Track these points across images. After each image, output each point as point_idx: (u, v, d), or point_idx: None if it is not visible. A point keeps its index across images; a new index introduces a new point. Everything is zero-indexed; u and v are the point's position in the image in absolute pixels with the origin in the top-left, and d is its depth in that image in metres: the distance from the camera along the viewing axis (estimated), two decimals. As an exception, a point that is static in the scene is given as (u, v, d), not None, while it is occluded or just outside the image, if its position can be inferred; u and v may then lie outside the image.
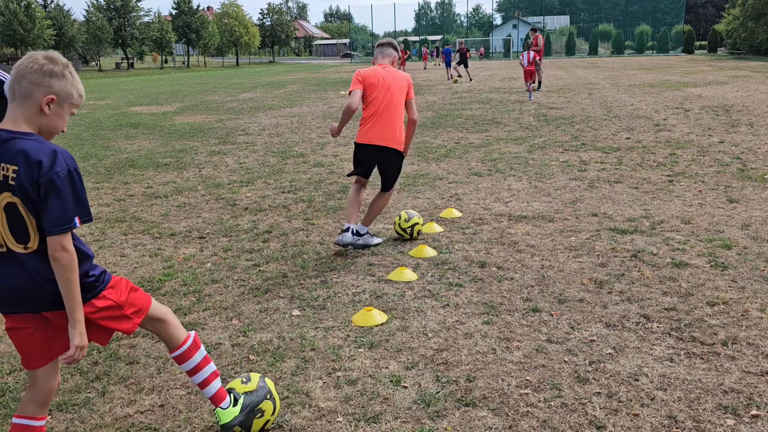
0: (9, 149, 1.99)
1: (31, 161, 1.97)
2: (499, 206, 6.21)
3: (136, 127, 13.90)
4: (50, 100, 2.04)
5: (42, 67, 2.03)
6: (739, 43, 50.14)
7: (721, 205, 5.98)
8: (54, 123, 2.09)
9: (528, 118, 13.06)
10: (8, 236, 2.04)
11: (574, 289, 4.07)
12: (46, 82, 2.03)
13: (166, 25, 55.93)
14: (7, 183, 1.99)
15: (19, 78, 2.03)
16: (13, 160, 1.98)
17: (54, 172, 1.97)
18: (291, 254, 4.94)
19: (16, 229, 2.03)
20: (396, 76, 5.00)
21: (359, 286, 4.25)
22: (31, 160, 1.97)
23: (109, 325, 2.24)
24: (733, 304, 3.76)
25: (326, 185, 7.40)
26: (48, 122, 2.07)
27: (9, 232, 2.04)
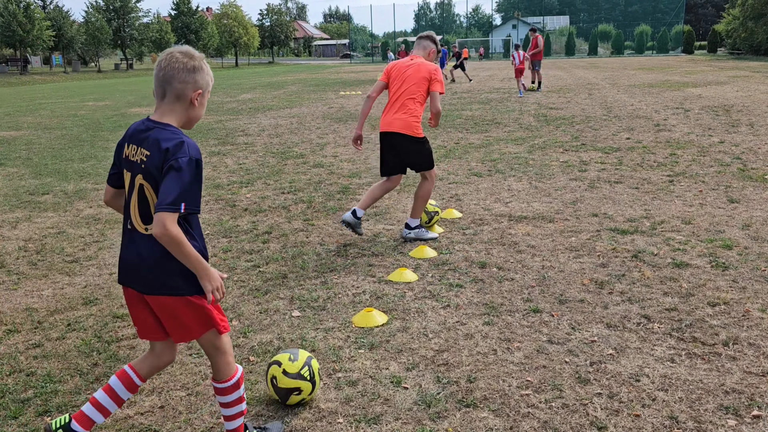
0: (147, 137, 2.22)
1: (160, 148, 2.17)
2: (500, 207, 6.21)
3: (136, 127, 13.88)
4: (198, 94, 2.27)
5: (185, 66, 2.23)
6: (739, 43, 50.14)
7: (722, 206, 5.98)
8: (199, 112, 2.32)
9: (528, 119, 13.06)
10: (136, 216, 2.26)
11: (575, 289, 4.06)
12: (192, 78, 2.24)
13: (165, 25, 55.96)
14: (142, 166, 2.22)
15: (169, 79, 2.23)
16: (148, 146, 2.21)
17: (176, 158, 2.14)
18: (291, 255, 4.94)
19: (143, 210, 2.24)
20: (420, 68, 5.09)
21: (359, 286, 4.24)
22: (160, 147, 2.17)
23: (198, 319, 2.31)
24: (734, 304, 3.75)
25: (326, 186, 7.40)
26: (195, 113, 2.30)
27: (138, 212, 2.25)
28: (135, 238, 2.27)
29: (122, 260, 2.33)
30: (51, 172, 8.77)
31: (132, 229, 2.28)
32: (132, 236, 2.28)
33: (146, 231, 2.24)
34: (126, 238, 2.32)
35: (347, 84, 28.40)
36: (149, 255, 2.22)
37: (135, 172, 2.24)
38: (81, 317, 3.90)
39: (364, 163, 8.79)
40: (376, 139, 10.95)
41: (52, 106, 20.69)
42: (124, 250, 2.32)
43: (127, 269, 2.30)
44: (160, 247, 2.17)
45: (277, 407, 2.87)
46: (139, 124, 2.30)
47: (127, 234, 2.31)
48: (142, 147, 2.22)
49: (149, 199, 2.21)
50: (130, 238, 2.29)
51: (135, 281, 2.29)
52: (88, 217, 6.30)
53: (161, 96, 2.25)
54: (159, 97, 2.26)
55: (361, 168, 8.42)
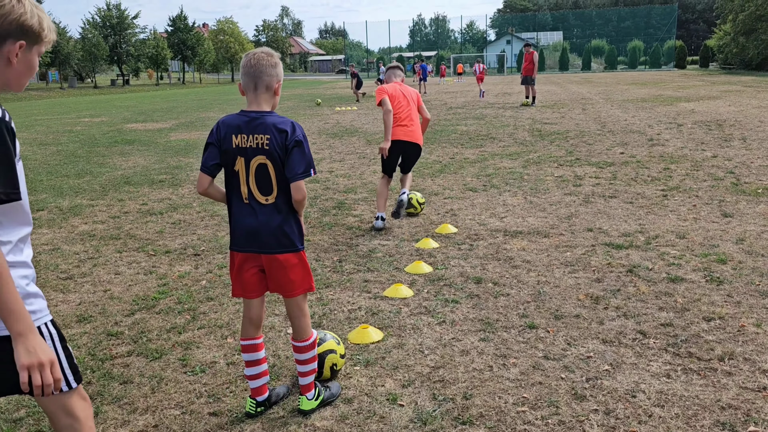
0: (261, 124, 2.67)
1: (280, 131, 2.65)
2: (495, 221, 6.22)
3: (131, 143, 13.91)
4: (279, 85, 2.76)
5: (270, 62, 2.70)
6: (731, 58, 50.68)
7: (716, 220, 6.01)
8: (278, 100, 2.78)
9: (522, 134, 13.13)
10: (255, 190, 2.70)
11: (571, 305, 4.06)
12: (276, 72, 2.72)
13: (162, 42, 56.17)
14: (263, 148, 2.66)
15: (259, 74, 2.68)
16: (265, 131, 2.66)
17: (296, 136, 2.65)
18: (286, 271, 4.92)
19: (263, 184, 2.69)
20: (408, 90, 6.25)
21: (355, 303, 4.23)
22: (280, 130, 2.65)
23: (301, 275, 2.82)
24: (729, 319, 3.76)
25: (321, 201, 7.40)
26: (276, 101, 2.77)
27: (256, 187, 2.70)
28: (255, 208, 2.72)
29: (241, 228, 2.76)
30: (46, 188, 8.76)
31: (249, 202, 2.72)
32: (251, 208, 2.72)
33: (266, 201, 2.71)
34: (244, 210, 2.75)
35: (343, 99, 28.52)
36: (271, 220, 2.70)
37: (251, 156, 2.67)
38: (75, 335, 3.87)
39: (360, 178, 8.81)
40: (371, 153, 11.00)
41: (48, 122, 20.70)
42: (243, 219, 2.75)
43: (248, 234, 2.74)
44: (279, 214, 2.71)
45: (272, 426, 2.85)
46: (240, 117, 2.71)
47: (245, 207, 2.74)
48: (256, 134, 2.65)
49: (271, 174, 2.67)
50: (250, 209, 2.73)
51: (255, 244, 2.74)
52: (83, 234, 6.28)
53: (253, 88, 2.69)
54: (251, 90, 2.70)
55: (357, 183, 8.44)
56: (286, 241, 2.75)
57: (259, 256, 2.77)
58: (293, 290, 2.81)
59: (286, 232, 2.74)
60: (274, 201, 2.72)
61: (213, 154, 2.72)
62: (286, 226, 2.74)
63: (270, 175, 2.69)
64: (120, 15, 54.07)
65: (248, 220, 2.74)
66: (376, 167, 9.64)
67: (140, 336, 3.84)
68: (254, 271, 2.82)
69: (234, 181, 2.75)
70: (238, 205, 2.77)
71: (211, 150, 2.73)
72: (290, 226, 2.76)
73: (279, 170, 2.68)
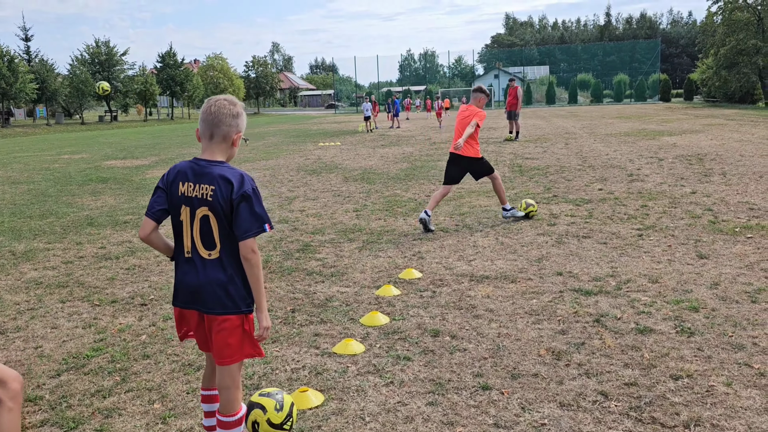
0: (207, 174, 2.53)
1: (225, 183, 2.50)
2: (462, 265, 5.96)
3: (106, 182, 13.64)
4: (239, 137, 2.62)
5: (231, 112, 2.58)
6: (714, 91, 51.35)
7: (691, 261, 5.77)
8: (235, 151, 2.65)
9: (502, 169, 12.97)
10: (199, 243, 2.55)
11: (530, 361, 3.78)
12: (236, 123, 2.59)
13: (150, 78, 56.38)
14: (206, 199, 2.52)
15: (218, 123, 2.56)
16: (210, 182, 2.52)
17: (243, 191, 2.49)
18: (234, 323, 4.62)
19: (206, 238, 2.54)
20: (464, 112, 7.71)
21: (300, 360, 3.93)
22: (226, 181, 2.50)
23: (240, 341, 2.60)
24: (698, 377, 3.48)
25: (286, 243, 7.13)
26: (233, 152, 2.64)
27: (200, 240, 2.54)
28: (197, 263, 2.55)
29: (183, 285, 2.61)
30: (5, 230, 8.45)
31: (192, 256, 2.57)
32: (194, 262, 2.56)
33: (209, 256, 2.55)
34: (186, 266, 2.60)
35: (329, 134, 28.48)
36: (213, 277, 2.53)
37: (196, 206, 2.53)
38: (-11, 401, 3.54)
39: (331, 218, 8.55)
40: (346, 191, 10.75)
41: (27, 159, 20.44)
42: (184, 276, 2.59)
43: (189, 292, 2.58)
44: (223, 272, 2.54)
45: None
46: (189, 164, 2.59)
47: (187, 262, 2.59)
48: (203, 183, 2.52)
49: (213, 228, 2.52)
50: (192, 264, 2.57)
51: (197, 302, 2.58)
52: (29, 282, 5.96)
53: (209, 137, 2.57)
54: (207, 138, 2.58)
55: (327, 223, 8.18)
56: (229, 301, 2.56)
57: (200, 314, 2.62)
58: (229, 357, 2.60)
59: (229, 292, 2.56)
60: (218, 257, 2.55)
61: (160, 199, 2.63)
62: (230, 285, 2.56)
63: (212, 228, 2.54)
64: (109, 52, 54.35)
65: (190, 275, 2.60)
66: (350, 206, 9.41)
67: (60, 401, 3.51)
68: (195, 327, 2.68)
69: (178, 232, 2.63)
70: (180, 258, 2.64)
71: (159, 194, 2.64)
72: (235, 286, 2.56)
73: (223, 224, 2.53)
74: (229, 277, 2.55)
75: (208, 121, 2.57)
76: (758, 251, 6.01)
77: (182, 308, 2.65)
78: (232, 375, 2.63)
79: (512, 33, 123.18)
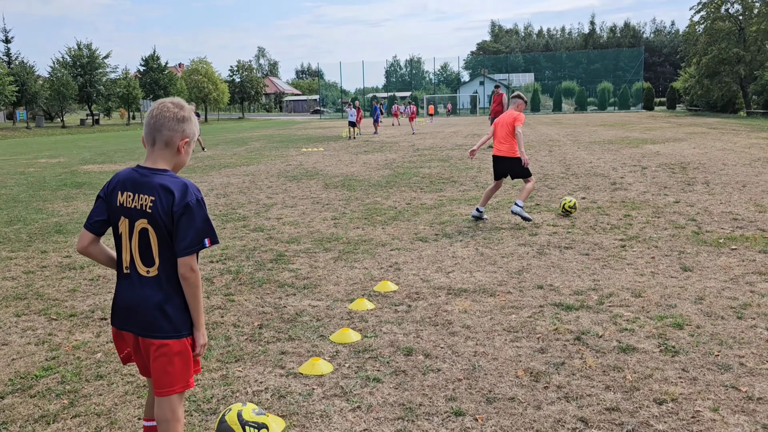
0: (147, 183, 2.31)
1: (167, 193, 2.28)
2: (440, 277, 5.75)
3: (80, 187, 13.29)
4: (185, 143, 2.40)
5: (176, 115, 2.36)
6: (696, 99, 51.84)
7: (675, 274, 5.61)
8: (185, 159, 2.43)
9: (485, 177, 12.81)
10: (137, 259, 2.34)
11: (506, 383, 3.57)
12: (181, 128, 2.37)
13: (133, 81, 55.76)
14: (145, 211, 2.29)
15: (159, 127, 2.35)
16: (150, 192, 2.30)
17: (186, 202, 2.27)
18: (197, 340, 4.36)
19: (145, 253, 2.32)
20: (505, 116, 8.26)
21: (263, 382, 3.69)
22: (167, 192, 2.28)
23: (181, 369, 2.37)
24: (683, 401, 3.29)
25: (260, 253, 6.87)
26: (181, 159, 2.42)
27: (138, 255, 2.33)
28: (135, 280, 2.34)
29: (118, 303, 2.40)
30: (-33, 239, 8.10)
31: (130, 272, 2.35)
32: (131, 280, 2.35)
33: (147, 273, 2.33)
34: (123, 282, 2.39)
35: (312, 140, 28.24)
36: (150, 297, 2.31)
37: (135, 218, 2.32)
38: None
39: (308, 226, 8.31)
40: (326, 198, 10.49)
41: (2, 163, 19.96)
42: (121, 293, 2.38)
43: (124, 311, 2.37)
44: (161, 291, 2.31)
45: None
46: (130, 172, 2.37)
47: (125, 278, 2.37)
48: (142, 194, 2.30)
49: (152, 242, 2.30)
50: (129, 281, 2.36)
51: (133, 324, 2.36)
52: (-15, 294, 5.65)
53: (152, 143, 2.37)
54: (149, 144, 2.38)
55: (303, 232, 7.94)
56: (166, 324, 2.34)
57: (136, 337, 2.41)
58: (169, 386, 2.38)
59: (167, 314, 2.34)
60: (156, 274, 2.34)
61: (100, 210, 2.43)
62: (168, 306, 2.34)
63: (151, 243, 2.33)
64: (91, 55, 53.66)
65: (126, 292, 2.40)
66: (328, 214, 9.18)
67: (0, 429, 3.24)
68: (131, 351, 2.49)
69: (117, 245, 2.44)
70: (119, 274, 2.44)
71: (98, 204, 2.44)
72: (174, 307, 2.35)
73: (163, 239, 2.32)
74: (168, 297, 2.34)
75: (150, 125, 2.39)
76: (743, 263, 5.87)
77: (118, 329, 2.44)
78: (172, 406, 2.41)
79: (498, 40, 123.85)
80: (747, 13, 46.00)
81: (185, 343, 2.38)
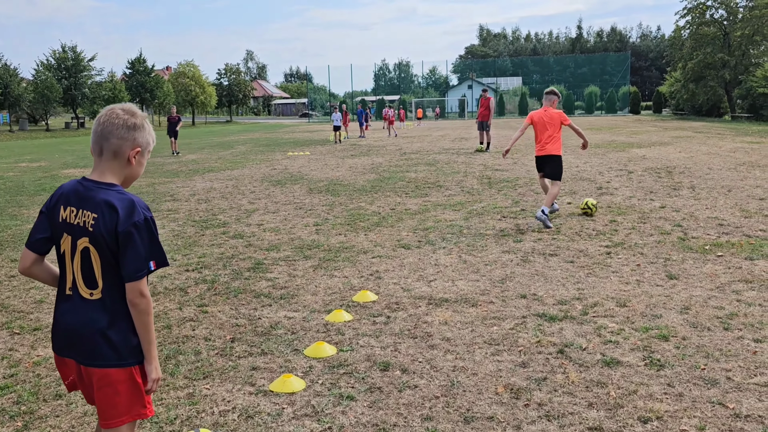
0: (91, 198, 2.13)
1: (111, 210, 2.09)
2: (421, 286, 5.59)
3: (58, 192, 13.00)
4: (137, 152, 2.20)
5: (125, 123, 2.17)
6: (682, 103, 52.19)
7: (660, 282, 5.50)
8: (137, 171, 2.24)
9: (471, 181, 12.70)
10: (80, 280, 2.16)
11: (485, 401, 3.41)
12: (131, 136, 2.18)
13: (119, 84, 55.25)
14: (86, 229, 2.11)
15: (107, 135, 2.16)
16: (93, 208, 2.11)
17: (132, 222, 2.08)
18: (164, 355, 4.18)
19: (87, 275, 2.14)
20: (551, 114, 8.28)
21: (231, 401, 3.51)
22: (111, 209, 2.09)
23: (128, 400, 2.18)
24: (669, 419, 3.16)
25: (237, 261, 6.69)
26: (132, 171, 2.23)
27: (81, 277, 2.15)
28: (76, 303, 2.17)
29: (59, 326, 2.22)
30: (-64, 247, 7.84)
31: (72, 294, 2.18)
32: (73, 302, 2.18)
33: (90, 296, 2.16)
34: (65, 305, 2.20)
35: (300, 144, 28.03)
36: (93, 322, 2.14)
37: (77, 236, 2.15)
38: None
39: (289, 233, 8.13)
40: (309, 203, 10.30)
41: (-20, 168, 19.59)
42: (62, 316, 2.21)
43: (65, 336, 2.19)
44: (105, 316, 2.13)
45: None
46: (74, 184, 2.20)
47: (66, 300, 2.19)
48: (85, 209, 2.13)
49: (94, 263, 2.14)
50: (71, 304, 2.18)
51: (74, 350, 2.18)
52: (-53, 305, 5.43)
53: (98, 152, 2.19)
54: (96, 154, 2.20)
55: (284, 239, 7.76)
56: (110, 351, 2.16)
57: (79, 365, 2.22)
58: (115, 418, 2.20)
59: (111, 340, 2.16)
60: (100, 297, 2.16)
61: (42, 226, 2.24)
62: (112, 332, 2.16)
63: (93, 264, 2.15)
64: (76, 57, 53.13)
65: (68, 315, 2.20)
66: (311, 220, 9.00)
67: (-54, 455, 3.05)
68: (74, 379, 2.29)
69: (60, 264, 2.25)
70: (61, 295, 2.25)
71: (41, 220, 2.25)
72: (120, 333, 2.16)
73: (106, 259, 2.14)
74: (112, 322, 2.15)
75: (97, 132, 2.20)
76: (729, 271, 5.76)
77: (59, 355, 2.26)
78: None
79: (486, 44, 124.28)
80: (731, 18, 46.38)
81: (131, 372, 2.19)
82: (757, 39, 44.54)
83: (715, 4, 46.73)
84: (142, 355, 2.21)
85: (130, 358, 2.18)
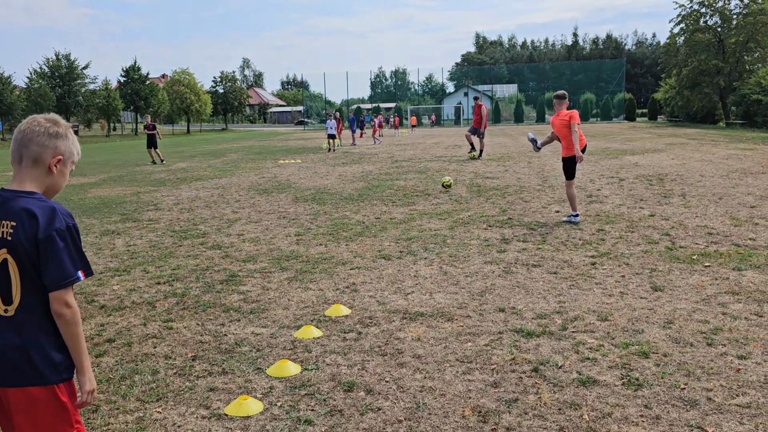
0: (10, 207, 2.03)
1: (30, 218, 2.00)
2: (397, 299, 5.40)
3: (41, 201, 12.80)
4: (58, 161, 2.12)
5: (47, 130, 2.10)
6: (677, 110, 52.19)
7: (644, 295, 5.31)
8: (59, 181, 2.15)
9: (460, 189, 12.53)
10: None
11: (450, 425, 3.22)
12: (53, 143, 2.10)
13: (113, 92, 55.11)
14: (5, 239, 2.01)
15: (26, 142, 2.08)
16: (12, 217, 2.02)
17: (53, 228, 1.99)
18: (120, 375, 3.98)
19: (3, 289, 2.02)
20: (562, 116, 8.91)
21: (182, 425, 3.31)
22: (30, 217, 2.00)
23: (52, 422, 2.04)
24: (643, 446, 2.97)
25: (211, 273, 6.49)
26: (54, 181, 2.13)
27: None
28: None
29: None
30: None
31: None
32: None
33: (5, 313, 2.04)
34: None
35: (293, 151, 27.88)
36: (9, 340, 2.01)
37: None
38: None
39: (268, 243, 7.94)
40: (293, 212, 10.09)
41: (-33, 177, 19.39)
42: None
43: None
44: (22, 332, 2.02)
45: None
46: None
47: None
48: (3, 219, 2.04)
49: (12, 276, 2.02)
50: None
51: None
52: None
53: (18, 160, 2.11)
54: (16, 162, 2.12)
55: (263, 250, 7.56)
56: (29, 370, 2.01)
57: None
58: None
59: (30, 358, 2.01)
60: (13, 315, 2.03)
61: None
62: (32, 350, 2.02)
63: (11, 276, 2.03)
64: (69, 65, 53.01)
65: None
66: (293, 230, 8.82)
67: None
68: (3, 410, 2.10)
69: None
70: None
71: None
72: (39, 350, 2.02)
73: (26, 272, 2.02)
74: (28, 341, 2.02)
75: (17, 140, 2.12)
76: (715, 282, 5.58)
77: None
78: None
79: (482, 52, 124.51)
80: (726, 25, 46.44)
81: (54, 390, 2.04)
82: (751, 46, 44.60)
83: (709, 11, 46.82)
84: (66, 373, 2.08)
85: (51, 376, 2.04)
